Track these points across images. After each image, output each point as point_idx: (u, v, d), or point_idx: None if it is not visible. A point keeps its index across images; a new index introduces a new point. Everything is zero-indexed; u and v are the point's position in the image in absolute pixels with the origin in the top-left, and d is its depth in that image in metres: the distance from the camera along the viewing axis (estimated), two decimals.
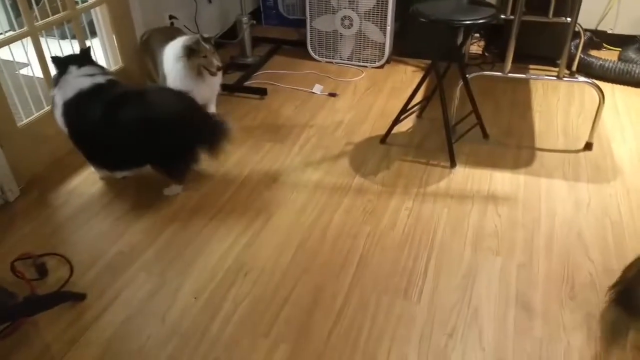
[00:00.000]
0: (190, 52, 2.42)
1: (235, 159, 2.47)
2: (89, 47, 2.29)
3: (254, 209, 2.15)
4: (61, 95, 2.11)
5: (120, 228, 2.07)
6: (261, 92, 3.00)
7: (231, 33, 3.44)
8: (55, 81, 2.13)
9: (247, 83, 3.12)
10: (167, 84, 2.50)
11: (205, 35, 2.49)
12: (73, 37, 2.61)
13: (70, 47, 2.56)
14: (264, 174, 2.36)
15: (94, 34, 2.85)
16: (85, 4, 2.58)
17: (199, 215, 2.13)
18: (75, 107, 2.09)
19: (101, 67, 2.23)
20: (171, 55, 2.48)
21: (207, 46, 2.44)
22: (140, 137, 2.04)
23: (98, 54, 2.76)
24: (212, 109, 2.79)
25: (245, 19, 3.18)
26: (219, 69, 2.49)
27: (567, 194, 2.18)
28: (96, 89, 2.09)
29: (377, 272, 1.83)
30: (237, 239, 2.00)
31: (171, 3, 3.07)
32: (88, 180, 2.35)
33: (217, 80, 2.63)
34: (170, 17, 3.00)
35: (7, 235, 2.04)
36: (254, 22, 3.31)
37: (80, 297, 1.76)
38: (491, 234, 1.98)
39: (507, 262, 1.85)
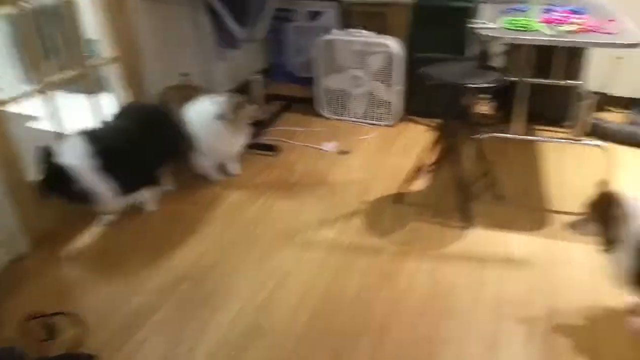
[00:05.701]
0: (238, 107, 2.60)
1: (250, 216, 2.46)
2: None
3: (268, 267, 2.11)
4: None
5: (132, 285, 2.02)
6: (274, 149, 3.02)
7: (241, 90, 3.49)
8: None
9: (259, 140, 3.15)
10: (199, 142, 2.61)
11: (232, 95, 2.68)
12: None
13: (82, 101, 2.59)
14: (278, 232, 2.33)
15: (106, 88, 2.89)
16: (96, 62, 2.63)
17: (214, 272, 2.09)
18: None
19: None
20: (204, 115, 2.58)
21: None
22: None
23: (110, 109, 2.78)
24: (235, 165, 2.82)
25: (257, 77, 3.25)
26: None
27: (585, 257, 2.15)
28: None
29: (396, 341, 1.77)
30: (251, 299, 1.95)
31: (182, 60, 3.12)
32: (98, 236, 2.32)
33: (245, 136, 2.74)
34: (182, 74, 3.05)
35: (18, 293, 1.99)
36: (264, 78, 3.36)
37: (91, 359, 1.69)
38: (511, 300, 1.93)
39: (530, 329, 1.80)
